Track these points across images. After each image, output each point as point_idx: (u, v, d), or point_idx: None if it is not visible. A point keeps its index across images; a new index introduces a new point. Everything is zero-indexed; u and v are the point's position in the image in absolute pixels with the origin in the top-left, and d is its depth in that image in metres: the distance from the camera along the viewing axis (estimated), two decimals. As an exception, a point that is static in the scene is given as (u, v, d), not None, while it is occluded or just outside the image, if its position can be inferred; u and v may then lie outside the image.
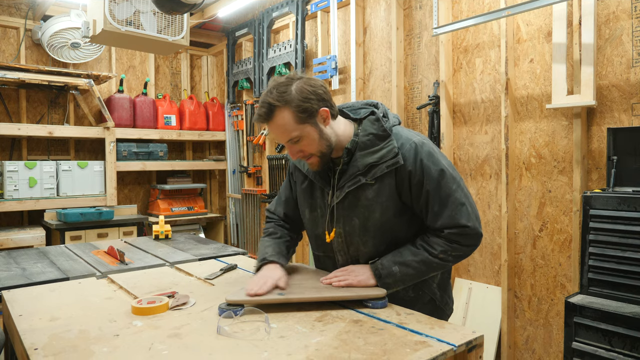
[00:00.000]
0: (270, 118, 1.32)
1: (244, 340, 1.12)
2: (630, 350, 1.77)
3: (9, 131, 3.79)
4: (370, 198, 1.37)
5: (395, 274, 1.34)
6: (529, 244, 2.63)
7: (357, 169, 1.36)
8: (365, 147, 1.36)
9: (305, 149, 1.35)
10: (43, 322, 1.27)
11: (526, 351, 2.66)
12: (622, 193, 1.95)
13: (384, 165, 1.34)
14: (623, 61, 2.23)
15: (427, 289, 1.47)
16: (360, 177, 1.36)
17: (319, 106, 1.33)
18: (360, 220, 1.40)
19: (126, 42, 2.83)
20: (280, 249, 1.56)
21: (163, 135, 4.69)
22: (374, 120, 1.39)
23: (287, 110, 1.30)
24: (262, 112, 1.33)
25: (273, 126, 1.34)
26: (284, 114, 1.30)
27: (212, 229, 5.18)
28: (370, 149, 1.36)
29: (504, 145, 2.66)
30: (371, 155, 1.35)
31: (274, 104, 1.30)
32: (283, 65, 4.12)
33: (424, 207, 1.36)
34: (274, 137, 1.41)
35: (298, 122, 1.31)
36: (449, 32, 2.86)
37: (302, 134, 1.32)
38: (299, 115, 1.30)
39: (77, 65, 4.43)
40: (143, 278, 1.75)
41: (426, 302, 1.47)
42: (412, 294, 1.45)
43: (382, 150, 1.35)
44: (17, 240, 3.59)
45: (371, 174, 1.35)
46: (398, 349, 1.06)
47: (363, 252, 1.45)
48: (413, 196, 1.36)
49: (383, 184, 1.35)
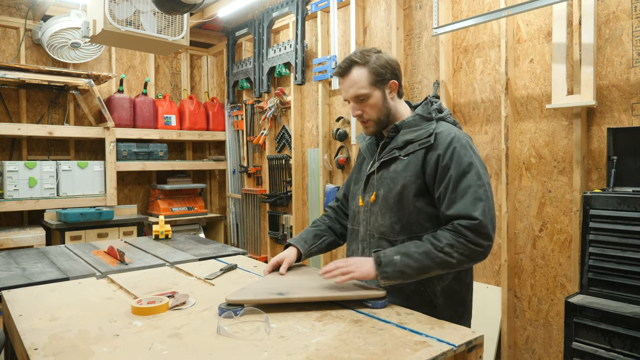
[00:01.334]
0: (348, 72, 1.47)
1: (244, 340, 1.12)
2: (630, 350, 1.77)
3: (9, 131, 3.79)
4: (398, 171, 1.46)
5: (396, 263, 1.32)
6: (529, 244, 2.63)
7: (396, 144, 1.48)
8: (409, 125, 1.48)
9: (367, 111, 1.48)
10: (43, 322, 1.27)
11: (526, 351, 2.66)
12: (622, 193, 1.95)
13: (417, 142, 1.44)
14: (623, 61, 2.23)
15: (429, 288, 1.44)
16: (396, 150, 1.48)
17: (391, 77, 1.48)
18: (384, 191, 1.48)
19: (126, 42, 2.83)
20: (306, 235, 1.71)
21: (163, 135, 4.69)
22: (424, 104, 1.52)
23: (365, 69, 1.45)
24: (342, 65, 1.48)
25: (348, 81, 1.47)
26: (361, 71, 1.45)
27: (212, 229, 5.18)
28: (413, 127, 1.47)
29: (504, 145, 2.66)
30: (411, 133, 1.47)
31: (355, 60, 1.46)
32: (283, 65, 4.12)
33: (442, 191, 1.38)
34: (344, 93, 1.50)
35: (370, 82, 1.45)
36: (449, 32, 2.86)
37: (370, 94, 1.46)
38: (373, 76, 1.45)
39: (77, 65, 4.43)
40: (143, 278, 1.75)
41: (425, 303, 1.43)
42: (413, 287, 1.44)
43: (420, 130, 1.46)
44: (17, 240, 3.59)
45: (406, 149, 1.46)
46: (398, 349, 1.06)
47: (380, 225, 1.50)
48: (437, 178, 1.40)
49: (412, 160, 1.44)
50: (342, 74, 1.49)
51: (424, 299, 1.44)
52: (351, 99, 1.48)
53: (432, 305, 1.44)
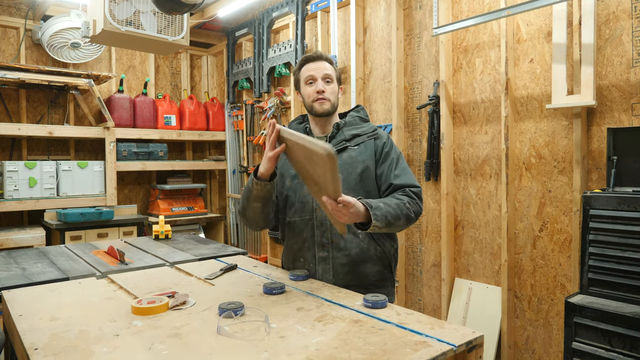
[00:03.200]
0: (321, 59, 1.76)
1: (244, 340, 1.12)
2: (630, 350, 1.77)
3: (9, 131, 3.79)
4: (353, 157, 1.72)
5: (382, 208, 1.52)
6: (529, 244, 2.63)
7: (343, 137, 1.76)
8: (351, 124, 1.79)
9: (328, 91, 1.74)
10: (43, 322, 1.27)
11: (526, 351, 2.66)
12: (622, 193, 1.95)
13: (365, 135, 1.77)
14: (623, 61, 2.23)
15: (387, 251, 1.75)
16: (345, 142, 1.74)
17: (340, 83, 1.84)
18: (343, 175, 1.69)
19: (126, 42, 2.83)
20: None
21: (163, 135, 4.69)
22: (358, 109, 1.88)
23: (332, 66, 1.79)
24: (317, 53, 1.78)
25: (321, 64, 1.75)
26: (330, 65, 1.78)
27: (212, 229, 5.18)
28: (355, 125, 1.79)
29: (504, 145, 2.66)
30: (356, 129, 1.78)
31: (327, 57, 1.79)
32: (283, 65, 4.13)
33: (386, 169, 1.72)
34: (314, 72, 1.76)
35: (336, 75, 1.79)
36: (449, 32, 2.86)
37: (334, 80, 1.76)
38: (337, 73, 1.81)
39: (77, 65, 4.43)
40: (143, 278, 1.75)
41: (379, 256, 1.73)
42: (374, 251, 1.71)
43: (363, 127, 1.79)
44: (17, 240, 3.59)
45: (354, 141, 1.75)
46: (398, 349, 1.06)
47: None
48: (381, 160, 1.74)
49: (365, 147, 1.74)
50: (316, 58, 1.76)
51: (378, 254, 1.72)
52: (321, 77, 1.73)
53: (385, 257, 1.74)
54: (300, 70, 1.78)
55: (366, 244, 1.69)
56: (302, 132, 1.78)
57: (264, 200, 1.64)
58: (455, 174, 3.02)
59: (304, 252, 1.74)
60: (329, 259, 1.69)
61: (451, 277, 3.01)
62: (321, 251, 1.70)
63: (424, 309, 3.20)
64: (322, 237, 1.70)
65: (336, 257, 1.68)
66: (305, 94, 1.76)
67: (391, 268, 1.79)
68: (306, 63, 1.77)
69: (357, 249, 1.68)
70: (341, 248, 1.68)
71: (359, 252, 1.69)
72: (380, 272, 1.73)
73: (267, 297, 1.46)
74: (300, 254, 1.76)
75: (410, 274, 3.32)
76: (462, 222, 2.99)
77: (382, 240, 1.73)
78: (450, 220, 3.01)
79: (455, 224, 3.03)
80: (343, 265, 1.68)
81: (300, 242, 1.74)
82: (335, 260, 1.69)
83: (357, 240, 1.69)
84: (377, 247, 1.72)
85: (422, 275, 3.23)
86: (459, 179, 3.00)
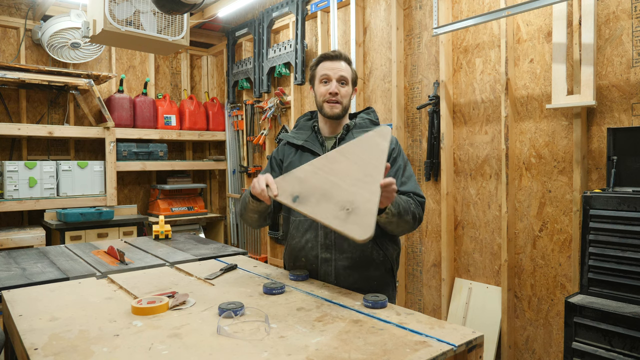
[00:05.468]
0: (340, 59, 1.75)
1: (244, 340, 1.12)
2: (630, 350, 1.77)
3: (9, 131, 3.79)
4: None
5: (397, 198, 1.54)
6: (529, 244, 2.63)
7: (352, 139, 1.70)
8: (361, 126, 1.79)
9: (342, 94, 1.74)
10: (43, 322, 1.27)
11: (526, 351, 2.66)
12: (622, 193, 1.95)
13: None
14: (623, 61, 2.23)
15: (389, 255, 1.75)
16: None
17: (356, 85, 1.84)
18: None
19: (126, 42, 2.83)
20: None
21: (163, 135, 4.69)
22: (369, 112, 1.88)
23: (350, 67, 1.79)
24: (337, 52, 1.77)
25: (338, 64, 1.74)
26: (348, 65, 1.78)
27: (212, 229, 5.18)
28: (365, 128, 1.78)
29: (504, 145, 2.66)
30: (365, 131, 1.72)
31: (347, 57, 1.78)
32: (283, 65, 4.12)
33: (393, 175, 1.72)
34: (330, 72, 1.75)
35: (351, 77, 1.78)
36: (449, 32, 2.86)
37: (349, 82, 1.76)
38: (354, 75, 1.80)
39: (77, 65, 4.43)
40: (143, 278, 1.75)
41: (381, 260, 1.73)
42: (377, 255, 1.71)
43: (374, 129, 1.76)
44: (17, 240, 3.59)
45: None
46: (398, 349, 1.06)
47: None
48: (390, 163, 1.70)
49: None
50: (334, 57, 1.75)
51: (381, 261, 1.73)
52: (337, 78, 1.73)
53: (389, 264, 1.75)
54: (317, 67, 1.78)
55: (369, 247, 1.68)
56: (309, 130, 1.84)
57: (260, 213, 1.68)
58: (455, 174, 3.02)
59: (306, 252, 1.74)
60: (332, 260, 1.69)
61: (451, 277, 3.01)
62: (324, 252, 1.70)
63: (424, 309, 3.20)
64: (325, 239, 1.70)
65: (339, 259, 1.68)
66: (318, 92, 1.76)
67: (393, 272, 1.79)
68: (324, 60, 1.76)
69: (359, 252, 1.68)
70: (344, 250, 1.68)
71: (362, 255, 1.68)
72: (382, 276, 1.73)
73: (267, 297, 1.46)
74: (302, 253, 1.76)
75: (410, 274, 3.32)
76: (462, 222, 2.99)
77: (384, 243, 1.73)
78: (450, 220, 3.01)
79: (455, 224, 3.03)
80: (345, 268, 1.68)
81: (303, 242, 1.75)
82: (337, 262, 1.68)
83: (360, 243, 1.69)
84: (380, 251, 1.71)
85: (422, 275, 3.23)
86: (459, 179, 3.00)
